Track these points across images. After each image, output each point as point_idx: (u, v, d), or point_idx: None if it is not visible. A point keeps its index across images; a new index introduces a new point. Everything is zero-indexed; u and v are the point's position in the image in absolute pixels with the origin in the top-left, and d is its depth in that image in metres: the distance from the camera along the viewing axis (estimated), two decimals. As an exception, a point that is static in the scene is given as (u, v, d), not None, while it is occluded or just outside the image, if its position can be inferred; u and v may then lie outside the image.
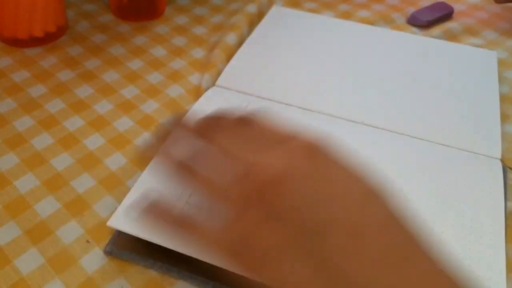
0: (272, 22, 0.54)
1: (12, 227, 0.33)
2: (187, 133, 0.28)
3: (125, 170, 0.38)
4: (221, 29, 0.54)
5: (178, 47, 0.51)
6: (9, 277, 0.30)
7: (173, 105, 0.44)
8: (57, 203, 0.35)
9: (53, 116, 0.42)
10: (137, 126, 0.42)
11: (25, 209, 0.34)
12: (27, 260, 0.31)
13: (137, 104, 0.44)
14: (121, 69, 0.48)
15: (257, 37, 0.52)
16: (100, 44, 0.51)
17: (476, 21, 0.59)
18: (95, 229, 0.33)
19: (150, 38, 0.52)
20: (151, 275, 0.31)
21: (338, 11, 0.60)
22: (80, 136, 0.40)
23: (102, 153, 0.39)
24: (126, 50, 0.50)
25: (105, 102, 0.44)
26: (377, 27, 0.56)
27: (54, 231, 0.33)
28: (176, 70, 0.48)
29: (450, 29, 0.57)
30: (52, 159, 0.38)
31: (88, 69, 0.47)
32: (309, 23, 0.55)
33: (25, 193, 0.35)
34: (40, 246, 0.32)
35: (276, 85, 0.45)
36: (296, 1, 0.61)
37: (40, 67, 0.47)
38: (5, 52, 0.48)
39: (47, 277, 0.31)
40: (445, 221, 0.34)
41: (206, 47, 0.52)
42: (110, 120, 0.42)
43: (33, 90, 0.44)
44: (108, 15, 0.55)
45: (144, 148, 0.35)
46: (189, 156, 0.26)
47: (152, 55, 0.50)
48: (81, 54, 0.49)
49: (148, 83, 0.46)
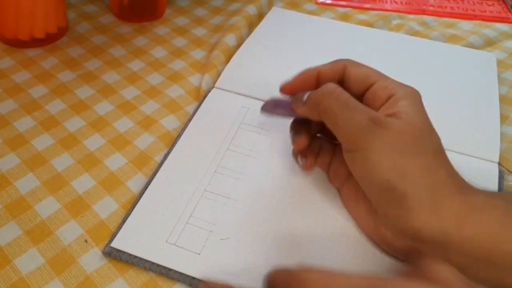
0: (272, 23, 0.55)
1: (12, 227, 0.33)
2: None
3: (125, 170, 0.38)
4: (220, 30, 0.54)
5: (178, 48, 0.52)
6: (8, 277, 0.31)
7: (173, 106, 0.44)
8: (57, 204, 0.35)
9: (53, 116, 0.42)
10: (137, 126, 0.42)
11: (25, 210, 0.35)
12: (27, 260, 0.32)
13: (137, 105, 0.44)
14: (122, 70, 0.48)
15: (256, 38, 0.52)
16: (100, 45, 0.51)
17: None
18: (95, 229, 0.34)
19: (150, 39, 0.53)
20: (150, 276, 0.31)
21: (338, 13, 0.60)
22: (81, 136, 0.40)
23: (103, 154, 0.39)
24: (126, 51, 0.50)
25: (106, 103, 0.44)
26: (376, 29, 0.57)
27: (54, 232, 0.33)
28: (176, 71, 0.48)
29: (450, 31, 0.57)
30: (52, 159, 0.38)
31: (89, 70, 0.48)
32: (308, 24, 0.55)
33: (26, 194, 0.36)
34: (40, 246, 0.32)
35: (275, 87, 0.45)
36: (295, 3, 0.61)
37: (41, 68, 0.47)
38: (6, 52, 0.48)
39: (47, 278, 0.31)
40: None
41: (206, 48, 0.52)
42: (110, 120, 0.42)
43: (33, 90, 0.44)
44: (108, 16, 0.55)
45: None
46: None
47: (152, 56, 0.50)
48: (82, 55, 0.49)
49: (148, 84, 0.47)
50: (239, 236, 0.33)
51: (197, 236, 0.33)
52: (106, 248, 0.32)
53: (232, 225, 0.34)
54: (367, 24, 0.57)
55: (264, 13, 0.57)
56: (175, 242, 0.32)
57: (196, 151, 0.39)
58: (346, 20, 0.58)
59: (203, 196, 0.35)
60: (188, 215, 0.34)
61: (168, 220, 0.34)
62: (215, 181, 0.37)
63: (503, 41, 0.56)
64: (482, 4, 0.64)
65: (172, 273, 0.31)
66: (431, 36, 0.56)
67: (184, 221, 0.34)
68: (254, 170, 0.38)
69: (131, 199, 0.36)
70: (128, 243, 0.32)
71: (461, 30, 0.58)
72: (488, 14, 0.62)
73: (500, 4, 0.64)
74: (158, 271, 0.31)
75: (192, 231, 0.33)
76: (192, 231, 0.33)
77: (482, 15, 0.62)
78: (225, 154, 0.39)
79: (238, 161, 0.38)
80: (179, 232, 0.33)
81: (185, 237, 0.33)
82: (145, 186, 0.36)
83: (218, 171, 0.37)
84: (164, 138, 0.41)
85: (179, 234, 0.33)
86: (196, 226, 0.33)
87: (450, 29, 0.58)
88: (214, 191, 0.36)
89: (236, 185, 0.36)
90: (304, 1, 0.62)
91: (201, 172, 0.37)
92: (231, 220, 0.34)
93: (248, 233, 0.33)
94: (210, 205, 0.35)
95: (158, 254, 0.32)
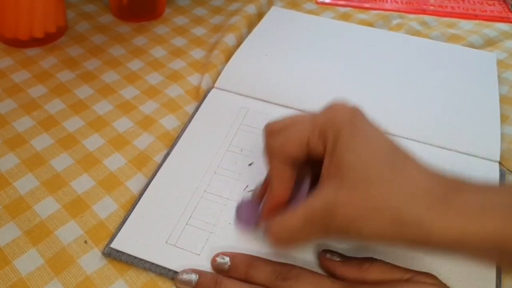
0: (271, 23, 0.54)
1: (11, 227, 0.33)
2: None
3: (125, 170, 0.38)
4: (220, 30, 0.54)
5: (178, 48, 0.51)
6: (8, 278, 0.31)
7: (173, 106, 0.44)
8: (57, 204, 0.35)
9: (53, 116, 0.42)
10: (136, 126, 0.42)
11: (24, 210, 0.34)
12: (26, 260, 0.32)
13: (137, 104, 0.44)
14: (121, 69, 0.48)
15: (256, 38, 0.52)
16: (100, 45, 0.51)
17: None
18: (94, 230, 0.34)
19: (149, 38, 0.52)
20: (150, 277, 0.31)
21: (338, 12, 0.60)
22: (80, 136, 0.40)
23: (102, 154, 0.39)
24: (125, 50, 0.50)
25: (105, 103, 0.44)
26: (376, 28, 0.57)
27: (53, 232, 0.33)
28: (175, 70, 0.48)
29: (450, 31, 0.57)
30: (51, 159, 0.38)
31: (88, 69, 0.47)
32: (308, 24, 0.55)
33: (25, 194, 0.36)
34: (39, 246, 0.32)
35: (275, 87, 0.45)
36: (295, 2, 0.61)
37: (40, 68, 0.47)
38: (5, 52, 0.48)
39: (46, 278, 0.31)
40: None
41: (205, 48, 0.52)
42: (109, 120, 0.42)
43: (33, 90, 0.44)
44: (108, 15, 0.55)
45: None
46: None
47: (152, 56, 0.50)
48: (81, 55, 0.49)
49: (147, 84, 0.46)
50: (239, 236, 0.33)
51: (197, 237, 0.33)
52: (105, 248, 0.32)
53: (232, 226, 0.34)
54: (367, 23, 0.57)
55: (264, 12, 0.57)
56: (175, 243, 0.32)
57: (196, 152, 0.39)
58: (346, 19, 0.58)
59: (203, 197, 0.35)
60: (188, 216, 0.34)
61: (168, 221, 0.34)
62: (215, 182, 0.36)
63: (504, 41, 0.56)
64: (482, 4, 0.64)
65: (172, 273, 0.31)
66: (432, 36, 0.56)
67: (184, 222, 0.34)
68: (254, 171, 0.38)
69: (130, 199, 0.36)
70: (128, 243, 0.32)
71: (461, 29, 0.58)
72: (489, 14, 0.62)
73: (501, 3, 0.64)
74: (158, 272, 0.31)
75: (192, 232, 0.33)
76: (192, 232, 0.33)
77: (482, 14, 0.61)
78: (225, 155, 0.39)
79: (238, 162, 0.38)
80: (179, 233, 0.33)
81: (185, 238, 0.33)
82: (145, 186, 0.36)
83: (218, 172, 0.37)
84: (164, 138, 0.41)
85: (179, 235, 0.33)
86: (196, 227, 0.33)
87: (450, 29, 0.58)
88: (214, 192, 0.36)
89: (236, 186, 0.36)
90: (304, 0, 0.61)
91: (201, 173, 0.37)
92: (231, 221, 0.34)
93: (248, 234, 0.33)
94: (210, 206, 0.35)
95: (158, 254, 0.32)
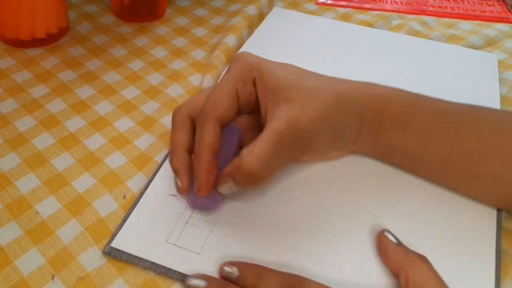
0: (272, 24, 0.55)
1: (13, 227, 0.33)
2: None
3: (126, 170, 0.38)
4: (221, 31, 0.54)
5: (179, 48, 0.52)
6: (9, 278, 0.31)
7: (174, 106, 0.44)
8: (58, 203, 0.35)
9: (54, 116, 0.42)
10: (137, 126, 0.42)
11: (26, 209, 0.35)
12: (27, 260, 0.32)
13: (138, 104, 0.44)
14: (122, 69, 0.48)
15: (257, 38, 0.52)
16: (101, 45, 0.51)
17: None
18: (95, 227, 0.34)
19: (151, 39, 0.53)
20: (150, 276, 0.31)
21: (338, 13, 0.60)
22: (81, 136, 0.41)
23: (103, 153, 0.39)
24: (127, 51, 0.51)
25: (106, 103, 0.44)
26: (376, 29, 0.57)
27: (54, 231, 0.33)
28: (176, 70, 0.49)
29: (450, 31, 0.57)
30: (53, 159, 0.38)
31: (89, 69, 0.48)
32: (309, 25, 0.55)
33: (26, 193, 0.36)
34: (40, 246, 0.33)
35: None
36: (296, 3, 0.61)
37: (41, 68, 0.47)
38: (7, 52, 0.49)
39: (47, 278, 0.31)
40: (442, 223, 0.35)
41: (206, 48, 0.52)
42: (110, 120, 0.42)
43: (34, 90, 0.45)
44: (109, 16, 0.56)
45: None
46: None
47: (153, 56, 0.50)
48: (82, 55, 0.49)
49: (148, 84, 0.47)
50: (239, 236, 0.33)
51: (197, 236, 0.33)
52: (106, 247, 0.32)
53: (232, 226, 0.34)
54: (368, 24, 0.57)
55: (265, 13, 0.57)
56: (175, 242, 0.33)
57: (196, 151, 0.39)
58: (347, 20, 0.58)
59: (203, 196, 0.35)
60: (188, 215, 0.34)
61: (168, 220, 0.34)
62: (215, 181, 0.37)
63: (504, 41, 0.56)
64: (482, 5, 0.64)
65: (172, 272, 0.31)
66: (432, 36, 0.56)
67: (184, 221, 0.34)
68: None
69: (131, 199, 0.36)
70: (128, 243, 0.32)
71: (461, 30, 0.58)
72: (488, 15, 0.62)
73: (500, 4, 0.64)
74: (158, 271, 0.31)
75: (192, 231, 0.33)
76: (192, 231, 0.33)
77: (482, 15, 0.62)
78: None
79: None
80: (179, 232, 0.33)
81: (185, 237, 0.33)
82: (145, 186, 0.36)
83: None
84: (164, 137, 0.41)
85: (179, 234, 0.33)
86: (196, 226, 0.34)
87: (450, 29, 0.58)
88: (214, 191, 0.36)
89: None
90: (305, 1, 0.62)
91: (201, 172, 0.37)
92: (231, 220, 0.34)
93: (248, 233, 0.33)
94: (210, 205, 0.35)
95: (158, 254, 0.32)
